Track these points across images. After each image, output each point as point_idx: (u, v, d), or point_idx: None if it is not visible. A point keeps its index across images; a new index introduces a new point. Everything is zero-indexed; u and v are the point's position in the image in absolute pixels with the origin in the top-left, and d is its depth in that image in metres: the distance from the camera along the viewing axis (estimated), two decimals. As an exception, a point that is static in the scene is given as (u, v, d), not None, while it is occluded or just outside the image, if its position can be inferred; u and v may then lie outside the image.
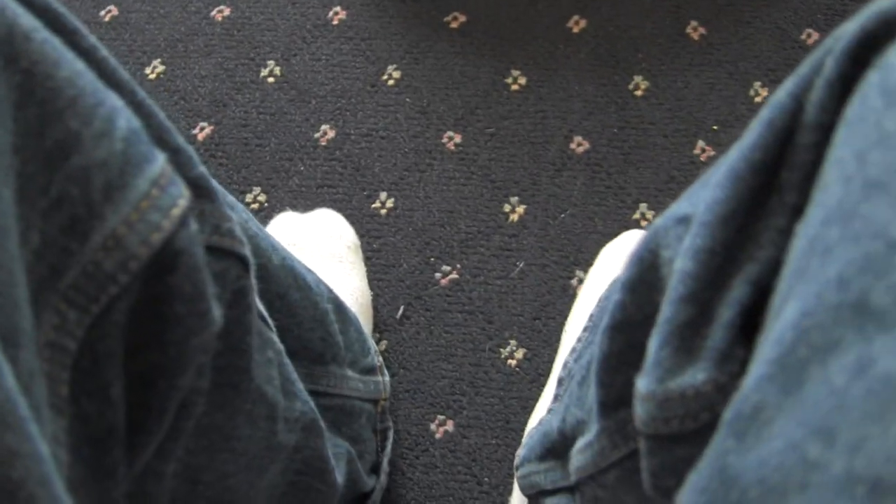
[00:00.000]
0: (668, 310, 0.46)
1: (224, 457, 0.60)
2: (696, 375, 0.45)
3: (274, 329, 0.65)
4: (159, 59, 1.22)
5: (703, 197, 0.46)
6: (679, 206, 0.51)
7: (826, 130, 0.40)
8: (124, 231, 0.43)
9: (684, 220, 0.49)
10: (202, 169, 0.49)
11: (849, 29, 0.40)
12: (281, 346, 0.65)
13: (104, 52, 0.46)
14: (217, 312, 0.50)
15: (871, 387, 0.28)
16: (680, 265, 0.46)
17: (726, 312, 0.44)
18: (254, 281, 0.57)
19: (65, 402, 0.43)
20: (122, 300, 0.44)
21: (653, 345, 0.47)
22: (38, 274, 0.41)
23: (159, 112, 0.48)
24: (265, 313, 0.63)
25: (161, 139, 0.47)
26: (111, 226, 0.43)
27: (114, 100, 0.44)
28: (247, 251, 0.54)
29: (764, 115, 0.44)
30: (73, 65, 0.42)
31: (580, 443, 0.66)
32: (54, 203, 0.41)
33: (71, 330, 0.42)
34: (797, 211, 0.41)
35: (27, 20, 0.41)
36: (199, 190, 0.49)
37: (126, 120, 0.44)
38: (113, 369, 0.45)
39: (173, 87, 1.20)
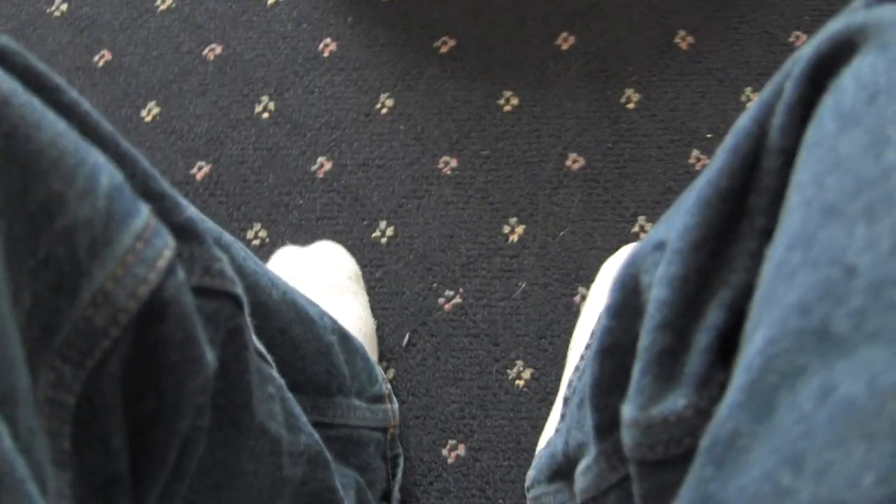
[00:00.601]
0: (646, 338, 0.47)
1: (230, 494, 0.61)
2: (677, 401, 0.45)
3: (273, 365, 0.65)
4: (154, 101, 1.22)
5: (675, 223, 0.47)
6: (656, 232, 0.52)
7: (789, 154, 0.41)
8: (112, 286, 0.43)
9: (660, 246, 0.49)
10: (189, 213, 0.50)
11: (805, 52, 0.40)
12: (282, 382, 0.66)
13: (86, 105, 0.47)
14: (210, 356, 0.50)
15: (833, 413, 0.29)
16: (655, 293, 0.46)
17: (703, 338, 0.45)
18: (249, 319, 0.57)
19: (67, 456, 0.43)
20: (116, 353, 0.45)
21: (635, 372, 0.47)
22: (32, 333, 0.41)
23: (143, 160, 0.49)
24: (263, 350, 0.64)
25: (147, 187, 0.48)
26: (99, 282, 0.43)
27: (96, 157, 0.44)
28: (238, 290, 0.54)
29: (729, 141, 0.44)
30: (55, 126, 0.43)
31: (581, 465, 0.66)
32: (42, 263, 0.42)
33: (68, 385, 0.43)
34: (767, 234, 0.42)
35: (6, 84, 0.41)
36: (188, 233, 0.50)
37: (108, 177, 0.44)
38: (113, 420, 0.46)
39: (170, 128, 1.20)
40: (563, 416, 0.87)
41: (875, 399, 0.28)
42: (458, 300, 1.08)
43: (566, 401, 0.87)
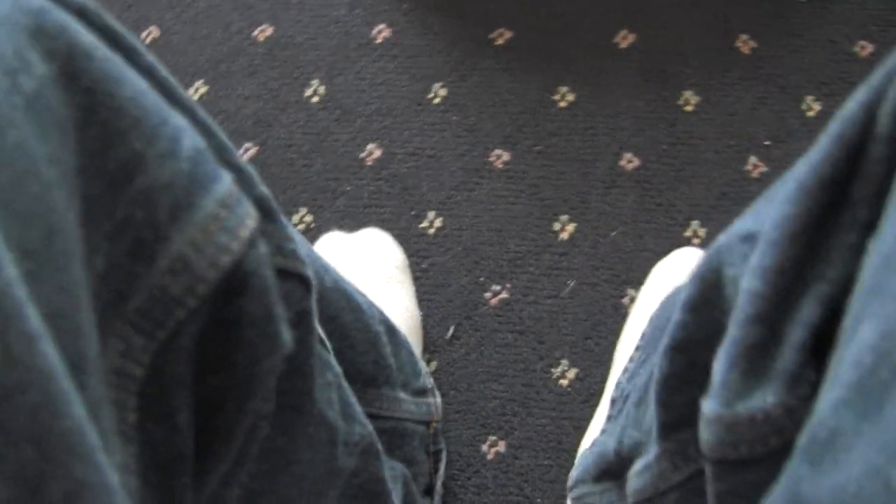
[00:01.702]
0: (735, 331, 0.45)
1: (285, 481, 0.60)
2: (766, 398, 0.44)
3: (331, 352, 0.64)
4: (202, 80, 1.21)
5: (770, 214, 0.45)
6: (743, 223, 0.50)
7: None
8: (192, 253, 0.42)
9: (749, 238, 0.48)
10: (264, 189, 0.48)
11: None
12: (339, 370, 0.65)
13: (164, 71, 0.45)
14: (287, 335, 0.49)
15: None
16: (747, 285, 0.45)
17: (796, 333, 0.43)
18: (315, 303, 0.56)
19: (133, 430, 0.42)
20: (190, 325, 0.43)
21: (720, 367, 0.46)
22: (103, 298, 0.40)
23: (220, 132, 0.47)
24: (323, 336, 0.63)
25: (223, 159, 0.46)
26: (178, 248, 0.42)
27: (178, 119, 0.43)
28: (309, 272, 0.53)
29: (833, 128, 0.43)
30: (136, 83, 0.41)
31: (638, 465, 0.65)
32: (119, 226, 0.40)
33: (137, 356, 0.42)
34: (869, 227, 0.40)
35: (87, 39, 0.40)
36: (262, 210, 0.48)
37: (191, 139, 0.43)
38: (181, 395, 0.45)
39: (216, 108, 1.19)
40: (609, 418, 0.86)
41: None
42: (504, 295, 1.06)
43: (613, 402, 0.86)
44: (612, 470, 0.75)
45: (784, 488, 0.33)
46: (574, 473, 0.87)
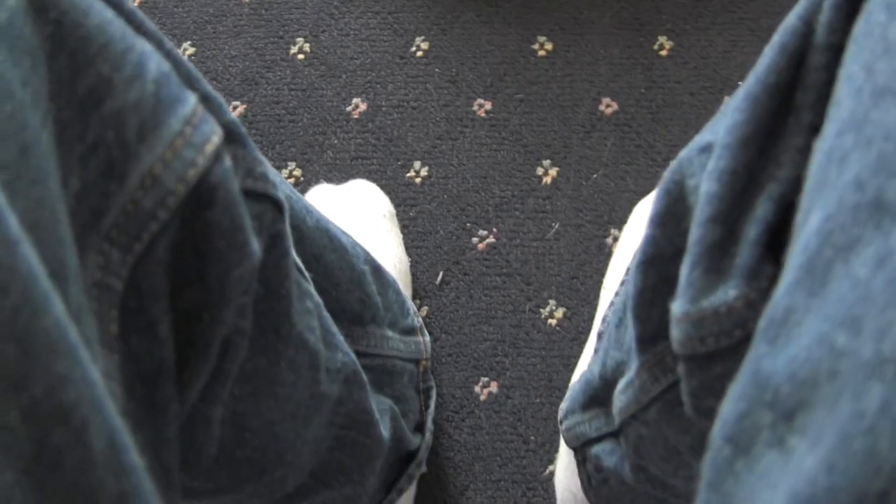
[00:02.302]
0: (696, 231, 0.47)
1: (269, 403, 0.61)
2: (728, 292, 0.46)
3: (311, 282, 0.65)
4: (189, 42, 1.23)
5: (723, 123, 0.48)
6: (701, 137, 0.53)
7: (836, 51, 0.41)
8: (160, 169, 0.44)
9: (707, 149, 0.50)
10: (231, 116, 0.50)
11: None
12: (319, 300, 0.66)
13: (131, 4, 0.47)
14: (255, 246, 0.50)
15: (892, 276, 0.29)
16: (705, 187, 0.47)
17: (752, 230, 0.45)
18: (289, 227, 0.57)
19: (115, 340, 0.44)
20: (163, 237, 0.45)
21: (684, 267, 0.48)
22: (80, 218, 0.42)
23: (187, 61, 0.49)
24: (302, 266, 0.64)
25: (190, 86, 0.48)
26: (147, 165, 0.44)
27: (143, 45, 0.45)
28: (280, 194, 0.54)
29: (776, 39, 0.45)
30: (102, 13, 0.43)
31: (621, 383, 0.66)
32: (91, 147, 0.42)
33: (115, 270, 0.43)
34: (814, 130, 0.43)
35: None
36: (231, 136, 0.50)
37: (156, 63, 0.45)
38: (159, 307, 0.46)
39: (204, 68, 1.21)
40: (595, 351, 0.88)
41: None
42: (491, 240, 1.09)
43: (599, 336, 0.88)
44: (598, 396, 0.76)
45: (746, 368, 0.35)
46: (564, 405, 0.88)
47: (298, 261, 0.64)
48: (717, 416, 0.35)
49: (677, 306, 0.49)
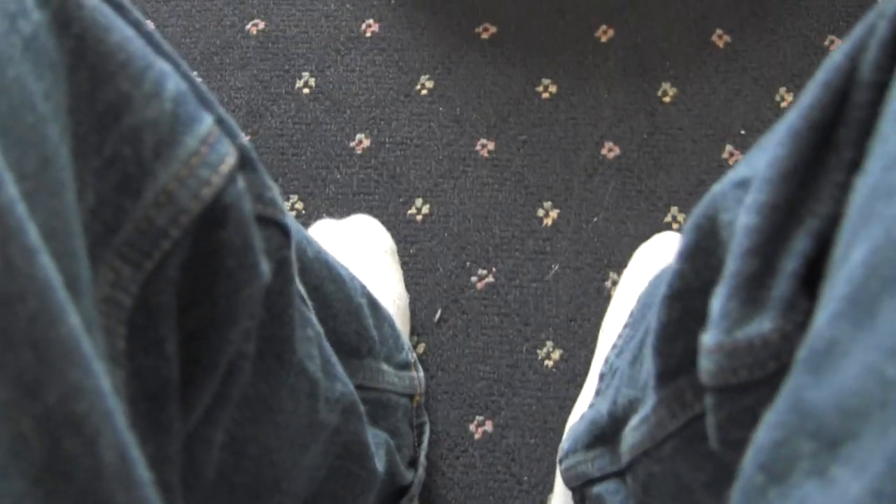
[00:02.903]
0: (733, 264, 0.47)
1: (268, 430, 0.61)
2: (763, 324, 0.46)
3: (312, 310, 0.65)
4: (196, 73, 1.23)
5: (763, 157, 0.48)
6: (737, 172, 0.53)
7: (881, 88, 0.42)
8: (175, 186, 0.44)
9: (743, 184, 0.50)
10: (243, 139, 0.51)
11: None
12: (320, 329, 0.66)
13: (149, 26, 0.47)
14: (265, 267, 0.51)
15: None
16: (744, 220, 0.47)
17: (790, 263, 0.46)
18: (294, 254, 0.58)
19: (122, 356, 0.44)
20: (175, 255, 0.45)
21: (719, 298, 0.48)
22: (93, 232, 0.42)
23: (201, 84, 0.49)
24: (304, 294, 0.64)
25: (206, 108, 0.48)
26: (162, 182, 0.44)
27: (162, 64, 0.45)
28: (288, 220, 0.55)
29: (820, 76, 0.45)
30: (123, 31, 0.44)
31: (634, 420, 0.66)
32: (107, 162, 0.42)
33: (126, 286, 0.43)
34: (854, 166, 0.43)
35: None
36: (243, 160, 0.50)
37: (175, 82, 0.45)
38: (168, 324, 0.46)
39: (209, 99, 1.21)
40: (598, 392, 0.88)
41: None
42: (490, 279, 1.09)
43: (602, 377, 0.88)
44: (604, 434, 0.76)
45: (786, 398, 0.35)
46: (564, 445, 0.88)
47: (301, 288, 0.64)
48: (751, 445, 0.35)
49: (710, 337, 0.49)
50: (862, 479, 0.29)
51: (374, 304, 0.84)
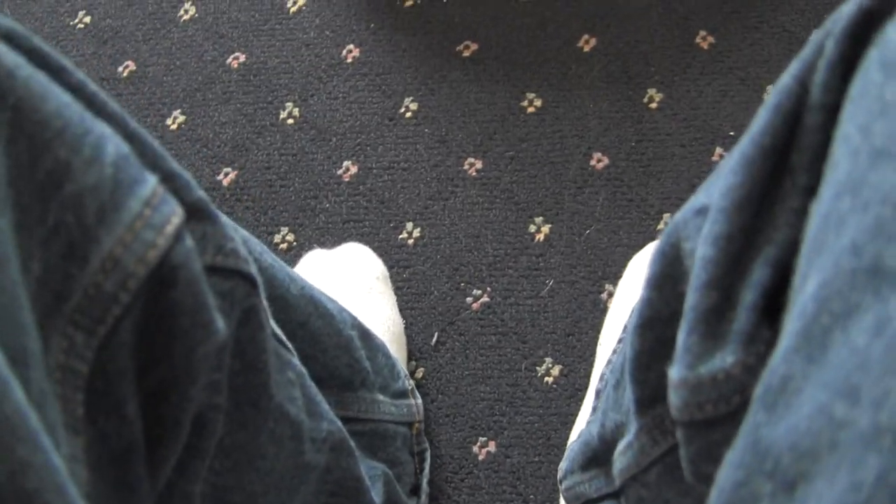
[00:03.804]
0: (692, 297, 0.47)
1: (251, 477, 0.61)
2: (725, 359, 0.45)
3: (294, 352, 0.65)
4: (179, 110, 1.24)
5: (718, 185, 0.47)
6: (697, 199, 0.52)
7: (832, 111, 0.41)
8: (120, 251, 0.44)
9: (702, 211, 0.49)
10: (200, 193, 0.50)
11: (847, 10, 0.40)
12: (303, 370, 0.66)
13: (93, 87, 0.47)
14: (220, 323, 0.50)
15: (890, 343, 0.29)
16: (700, 252, 0.46)
17: (749, 295, 0.45)
18: (265, 301, 0.58)
19: (81, 423, 0.44)
20: (127, 319, 0.45)
21: (681, 333, 0.47)
22: (43, 301, 0.42)
23: (153, 141, 0.49)
24: (283, 337, 0.64)
25: (155, 165, 0.48)
26: (107, 247, 0.44)
27: (101, 128, 0.45)
28: (252, 269, 0.55)
29: (770, 100, 0.44)
30: (59, 97, 0.44)
31: (621, 445, 0.66)
32: (52, 231, 0.42)
33: (80, 352, 0.44)
34: (810, 191, 0.42)
35: (11, 58, 0.42)
36: (199, 213, 0.50)
37: (114, 146, 0.45)
38: (126, 387, 0.46)
39: (195, 135, 1.21)
40: (594, 409, 0.87)
41: None
42: (485, 299, 1.08)
43: (598, 393, 0.87)
44: (597, 456, 0.75)
45: (744, 436, 0.35)
46: (563, 465, 0.87)
47: (279, 331, 0.64)
48: (714, 485, 0.35)
49: (674, 372, 0.48)
50: None
51: (365, 334, 0.84)
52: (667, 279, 0.53)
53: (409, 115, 1.20)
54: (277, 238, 1.14)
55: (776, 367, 0.35)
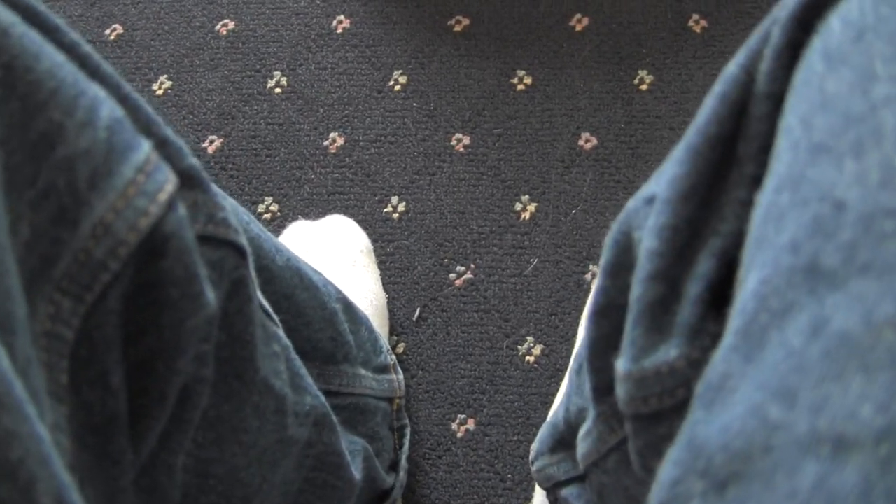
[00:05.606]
0: (637, 289, 0.46)
1: (234, 450, 0.61)
2: (669, 352, 0.45)
3: (279, 325, 0.65)
4: (166, 75, 1.23)
5: (665, 175, 0.47)
6: (648, 187, 0.51)
7: (777, 99, 0.40)
8: (112, 218, 0.43)
9: (651, 200, 0.49)
10: (192, 160, 0.50)
11: None
12: (288, 342, 0.65)
13: (87, 47, 0.46)
14: (211, 295, 0.50)
15: (827, 346, 0.29)
16: (645, 244, 0.46)
17: (694, 288, 0.44)
18: (253, 272, 0.57)
19: (65, 391, 0.43)
20: (116, 287, 0.44)
21: (627, 325, 0.47)
22: (30, 265, 0.41)
23: (146, 105, 0.49)
24: (269, 308, 0.64)
25: (149, 131, 0.48)
26: (99, 213, 0.43)
27: (96, 90, 0.44)
28: (242, 240, 0.54)
29: (716, 88, 0.44)
30: (53, 57, 0.43)
31: (582, 430, 0.65)
32: (42, 194, 0.42)
33: (66, 319, 0.43)
34: (757, 181, 0.41)
35: (5, 16, 0.41)
36: (191, 181, 0.49)
37: (109, 109, 0.44)
38: (112, 357, 0.46)
39: (181, 101, 1.20)
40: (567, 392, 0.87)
41: (871, 331, 0.28)
42: (469, 276, 1.08)
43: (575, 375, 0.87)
44: (564, 440, 0.75)
45: (683, 433, 0.34)
46: (534, 447, 0.87)
47: (266, 303, 0.63)
48: (655, 481, 0.34)
49: (620, 365, 0.48)
50: None
51: (349, 308, 0.83)
52: (620, 268, 0.52)
53: (397, 88, 1.19)
54: (261, 208, 1.13)
55: (716, 364, 0.34)
